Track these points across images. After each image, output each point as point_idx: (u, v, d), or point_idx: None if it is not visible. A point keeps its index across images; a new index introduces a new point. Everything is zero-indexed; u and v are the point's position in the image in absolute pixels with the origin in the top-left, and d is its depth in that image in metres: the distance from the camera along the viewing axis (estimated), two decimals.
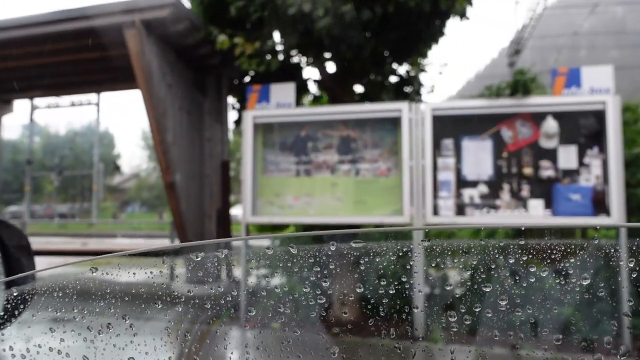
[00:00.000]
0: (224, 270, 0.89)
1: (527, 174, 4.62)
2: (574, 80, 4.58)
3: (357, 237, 0.72)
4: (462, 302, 0.76)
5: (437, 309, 0.85)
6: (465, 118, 4.82)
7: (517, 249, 0.68)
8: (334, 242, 0.73)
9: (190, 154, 6.95)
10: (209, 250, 0.84)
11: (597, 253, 0.71)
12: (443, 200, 4.70)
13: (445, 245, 0.73)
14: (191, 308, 0.93)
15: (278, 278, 0.86)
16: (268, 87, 5.28)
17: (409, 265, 0.73)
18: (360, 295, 0.81)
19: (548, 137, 4.61)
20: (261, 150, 5.30)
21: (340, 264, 0.76)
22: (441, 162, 4.76)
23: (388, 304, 0.75)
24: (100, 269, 0.95)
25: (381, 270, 0.77)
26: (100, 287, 0.97)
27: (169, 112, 6.29)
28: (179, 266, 1.00)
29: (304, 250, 0.77)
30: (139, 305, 0.94)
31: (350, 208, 5.01)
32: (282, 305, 0.80)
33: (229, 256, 0.86)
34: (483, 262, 0.75)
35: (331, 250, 0.73)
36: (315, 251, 0.76)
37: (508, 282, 0.76)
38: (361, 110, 5.11)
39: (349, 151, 5.09)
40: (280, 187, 5.21)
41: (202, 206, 7.30)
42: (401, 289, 0.73)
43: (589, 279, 0.68)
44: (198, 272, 0.89)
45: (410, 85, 6.47)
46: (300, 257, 0.77)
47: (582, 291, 0.71)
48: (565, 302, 0.68)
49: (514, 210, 4.59)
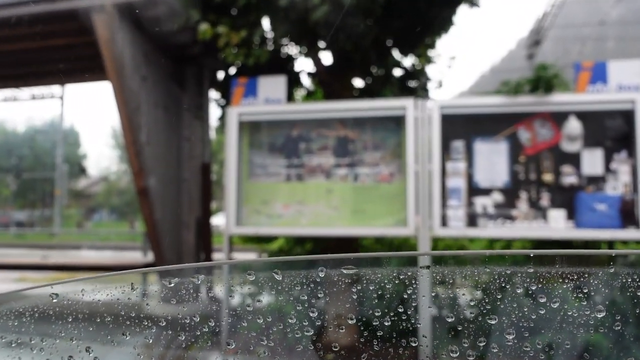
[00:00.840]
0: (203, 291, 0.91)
1: (547, 180, 4.65)
2: (600, 75, 4.63)
3: (349, 262, 0.73)
4: (466, 336, 0.77)
5: (438, 342, 0.86)
6: (478, 117, 4.85)
7: (525, 277, 0.69)
8: (322, 268, 0.74)
9: (166, 156, 6.94)
10: (184, 276, 0.85)
11: (613, 281, 0.73)
12: (452, 210, 4.72)
13: (447, 273, 0.75)
14: (165, 331, 0.94)
15: (262, 305, 0.87)
16: (255, 80, 5.30)
17: (406, 294, 0.75)
18: (353, 327, 0.82)
19: (570, 140, 4.65)
20: (247, 151, 5.31)
21: (330, 292, 0.77)
22: (450, 166, 4.79)
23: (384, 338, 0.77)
24: (61, 294, 0.96)
25: (375, 300, 0.78)
26: (62, 313, 0.98)
27: (143, 107, 6.29)
28: (153, 284, 1.01)
29: (290, 276, 0.78)
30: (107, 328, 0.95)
31: (348, 218, 5.03)
32: (265, 338, 0.81)
33: (206, 282, 0.87)
34: (488, 292, 0.76)
35: (320, 277, 0.75)
36: (302, 277, 0.77)
37: (516, 313, 0.78)
38: (361, 107, 5.13)
39: (346, 153, 5.11)
40: (269, 194, 5.22)
41: (180, 214, 7.28)
42: (398, 320, 0.75)
43: (604, 311, 0.70)
44: (173, 294, 0.90)
45: (416, 79, 6.51)
46: (286, 285, 0.79)
47: (596, 325, 0.73)
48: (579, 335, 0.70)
49: (532, 222, 4.63)
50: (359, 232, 5.16)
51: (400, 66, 6.41)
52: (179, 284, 0.85)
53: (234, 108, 5.24)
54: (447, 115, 4.80)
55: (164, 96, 6.87)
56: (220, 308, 0.91)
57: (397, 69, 6.42)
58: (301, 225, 5.10)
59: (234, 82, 5.40)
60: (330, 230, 5.04)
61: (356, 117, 5.13)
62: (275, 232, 5.47)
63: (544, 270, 0.75)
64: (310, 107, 5.38)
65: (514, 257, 0.75)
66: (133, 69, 6.10)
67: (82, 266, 9.99)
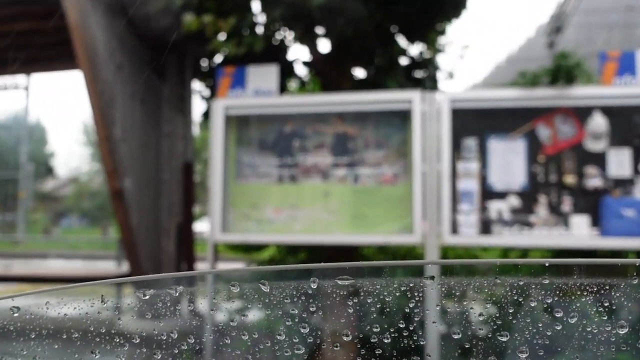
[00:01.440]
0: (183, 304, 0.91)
1: (569, 183, 4.67)
2: (628, 66, 4.65)
3: (344, 272, 0.74)
4: (474, 355, 0.78)
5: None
6: (493, 112, 4.87)
7: (540, 289, 0.69)
8: (315, 279, 0.75)
9: (143, 154, 6.94)
10: (161, 287, 0.85)
11: (637, 294, 0.73)
12: (464, 216, 4.73)
13: (453, 284, 0.75)
14: (140, 349, 0.94)
15: (248, 320, 0.88)
16: (244, 69, 5.30)
17: (408, 308, 0.75)
18: (349, 345, 0.82)
19: (595, 138, 4.67)
20: (234, 149, 5.31)
21: (323, 305, 0.77)
22: (462, 167, 4.81)
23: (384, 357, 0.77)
24: (23, 307, 0.96)
25: (374, 315, 0.78)
26: (24, 329, 0.98)
27: (118, 100, 6.29)
28: (126, 297, 1.01)
29: (279, 287, 0.78)
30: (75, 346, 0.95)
31: (347, 224, 5.03)
32: (251, 357, 0.81)
33: (186, 294, 0.87)
34: (499, 306, 0.77)
35: (312, 289, 0.75)
36: (292, 289, 0.77)
37: (529, 330, 0.78)
38: (362, 100, 5.14)
39: (345, 152, 5.12)
40: (258, 197, 5.22)
41: (159, 220, 7.27)
42: (399, 337, 0.75)
43: (627, 327, 0.70)
44: (149, 307, 0.90)
45: (424, 69, 6.52)
46: (274, 297, 0.79)
47: (619, 342, 0.73)
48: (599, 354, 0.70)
49: (552, 229, 4.64)
50: (359, 240, 5.16)
51: (406, 55, 6.43)
52: (155, 296, 0.86)
53: (220, 101, 5.25)
54: (458, 109, 4.81)
55: (142, 87, 6.86)
56: (201, 323, 0.92)
57: (402, 57, 6.43)
58: (294, 232, 5.10)
59: (220, 71, 5.40)
60: (327, 237, 5.04)
61: (356, 111, 5.14)
62: (266, 239, 5.47)
63: (560, 282, 0.75)
64: (305, 100, 5.39)
65: (528, 267, 0.76)
66: (107, 56, 6.10)
67: (49, 277, 9.95)
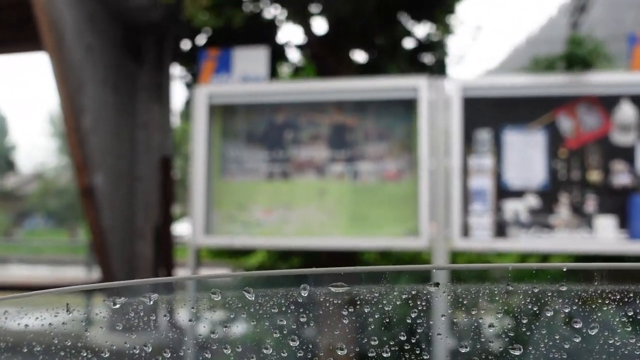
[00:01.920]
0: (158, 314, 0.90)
1: (594, 180, 4.69)
2: None
3: (339, 278, 0.74)
4: None
5: None
6: (509, 101, 4.88)
7: (557, 297, 0.70)
8: (306, 286, 0.75)
9: (116, 147, 6.92)
10: (133, 295, 0.85)
11: None
12: (476, 217, 4.74)
13: (460, 292, 0.75)
14: None
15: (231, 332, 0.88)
16: (230, 52, 5.29)
17: (410, 318, 0.75)
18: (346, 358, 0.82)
19: (623, 130, 4.69)
20: (219, 142, 5.30)
21: (315, 315, 0.77)
22: (474, 162, 4.81)
23: None
24: None
25: (372, 326, 0.78)
26: None
27: (88, 86, 6.27)
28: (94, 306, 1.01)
29: (266, 295, 0.78)
30: None
31: (345, 225, 5.04)
32: None
33: (161, 303, 0.87)
34: (511, 316, 0.77)
35: (303, 297, 0.75)
36: (280, 297, 0.77)
37: (545, 342, 0.78)
38: (362, 87, 5.14)
39: (343, 145, 5.12)
40: (246, 196, 5.22)
41: (133, 221, 7.26)
42: (400, 351, 0.75)
43: None
44: (119, 318, 0.90)
45: (431, 52, 6.53)
46: (260, 307, 0.79)
47: None
48: None
49: (574, 232, 4.66)
50: (358, 244, 5.16)
51: (411, 36, 6.43)
52: (127, 305, 0.86)
53: (203, 87, 5.24)
54: (470, 98, 4.82)
55: (114, 72, 6.84)
56: (179, 335, 0.92)
57: (407, 39, 6.43)
58: (286, 235, 5.10)
59: (203, 54, 5.39)
60: (323, 241, 5.05)
61: (356, 99, 5.14)
62: (254, 243, 5.47)
63: (580, 289, 0.76)
64: (298, 87, 5.38)
65: (544, 273, 0.76)
66: (75, 37, 6.08)
67: (9, 285, 9.93)
